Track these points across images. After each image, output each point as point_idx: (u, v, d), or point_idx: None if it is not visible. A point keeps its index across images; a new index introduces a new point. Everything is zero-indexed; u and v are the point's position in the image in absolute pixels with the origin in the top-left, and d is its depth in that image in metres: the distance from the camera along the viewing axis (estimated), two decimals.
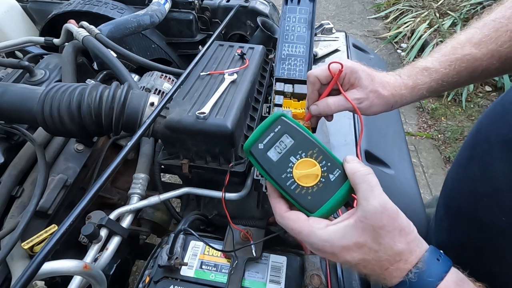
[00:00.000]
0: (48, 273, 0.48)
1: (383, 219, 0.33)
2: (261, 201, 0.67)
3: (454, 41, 0.53)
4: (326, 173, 0.38)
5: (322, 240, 0.35)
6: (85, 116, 0.56)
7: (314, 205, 0.38)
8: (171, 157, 0.63)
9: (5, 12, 1.10)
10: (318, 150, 0.39)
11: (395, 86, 0.51)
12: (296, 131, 0.40)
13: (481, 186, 0.48)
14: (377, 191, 0.35)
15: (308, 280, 0.52)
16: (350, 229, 0.34)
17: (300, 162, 0.39)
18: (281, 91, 0.61)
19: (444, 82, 0.52)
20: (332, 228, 0.35)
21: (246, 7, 1.05)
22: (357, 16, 3.47)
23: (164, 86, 0.85)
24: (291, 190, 0.38)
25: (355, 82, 0.50)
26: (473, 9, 2.78)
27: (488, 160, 0.46)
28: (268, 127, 0.40)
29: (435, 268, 0.33)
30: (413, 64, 0.54)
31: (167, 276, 0.53)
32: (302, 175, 0.38)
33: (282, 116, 0.40)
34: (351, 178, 0.37)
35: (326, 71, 0.49)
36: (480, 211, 0.48)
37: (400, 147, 0.90)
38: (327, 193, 0.38)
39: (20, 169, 0.64)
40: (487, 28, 0.51)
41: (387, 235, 0.33)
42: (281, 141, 0.39)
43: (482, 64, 0.50)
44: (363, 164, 0.38)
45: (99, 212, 0.63)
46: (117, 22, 0.87)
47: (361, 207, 0.34)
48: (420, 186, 0.79)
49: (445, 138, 2.18)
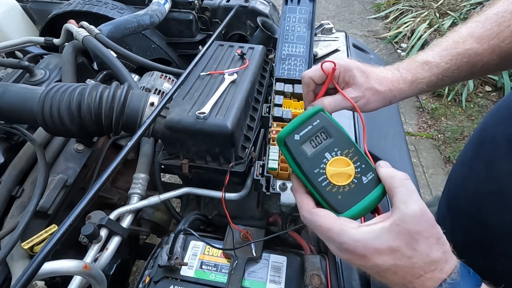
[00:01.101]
0: (48, 273, 0.48)
1: (422, 225, 0.32)
2: (261, 201, 0.67)
3: (455, 34, 0.52)
4: (360, 175, 0.37)
5: (354, 240, 0.33)
6: (85, 116, 0.56)
7: (344, 205, 0.37)
8: (171, 157, 0.63)
9: (5, 12, 1.10)
10: (354, 150, 0.38)
11: (393, 81, 0.50)
12: (335, 127, 0.39)
13: (486, 185, 0.47)
14: (416, 196, 0.33)
15: (308, 280, 0.52)
16: (385, 231, 0.32)
17: (334, 160, 0.38)
18: (281, 91, 0.61)
19: (445, 77, 0.51)
20: (365, 228, 0.34)
21: (246, 7, 1.05)
22: (357, 16, 3.47)
23: (164, 86, 0.85)
24: (321, 186, 0.37)
25: (350, 81, 0.49)
26: (473, 9, 2.79)
27: (494, 159, 0.46)
28: (307, 119, 0.39)
29: (469, 282, 0.32)
30: (413, 58, 0.53)
31: (167, 276, 0.53)
32: (335, 173, 0.37)
33: (322, 111, 0.39)
34: (387, 182, 0.36)
35: (320, 71, 0.48)
36: (484, 209, 0.47)
37: (400, 147, 0.90)
38: (358, 195, 0.37)
39: (20, 169, 0.64)
40: (489, 22, 0.49)
41: (424, 242, 0.32)
42: (318, 135, 0.38)
43: (483, 59, 0.50)
44: (398, 170, 0.37)
45: (99, 212, 0.63)
46: (117, 22, 0.87)
47: (399, 210, 0.33)
48: (420, 186, 0.79)
49: (445, 138, 2.19)
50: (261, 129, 0.69)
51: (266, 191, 0.47)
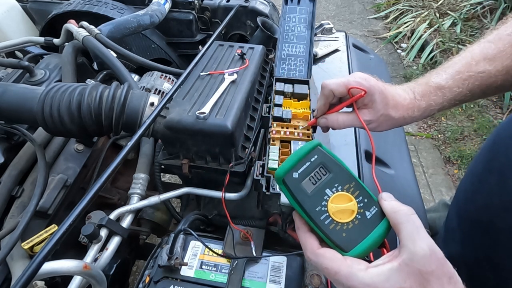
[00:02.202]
0: (48, 273, 0.48)
1: (432, 264, 0.30)
2: (261, 201, 0.67)
3: (468, 55, 0.51)
4: (363, 210, 0.36)
5: (364, 284, 0.32)
6: (85, 116, 0.56)
7: (349, 243, 0.35)
8: (171, 157, 0.63)
9: (5, 12, 1.10)
10: (355, 184, 0.37)
11: (408, 108, 0.50)
12: (333, 162, 0.38)
13: (499, 199, 0.46)
14: (423, 233, 0.32)
15: (308, 280, 0.52)
16: (395, 272, 0.31)
17: (336, 196, 0.36)
18: (281, 91, 0.61)
19: (457, 100, 0.51)
20: (374, 270, 0.32)
21: (246, 7, 1.05)
22: (357, 16, 3.47)
23: (164, 86, 0.85)
24: (324, 225, 0.36)
25: (369, 104, 0.49)
26: (473, 9, 2.79)
27: (507, 173, 0.45)
28: (304, 156, 0.38)
29: None
30: (427, 80, 0.52)
31: (167, 276, 0.53)
32: (338, 210, 0.36)
33: (319, 145, 0.38)
34: (391, 217, 0.34)
35: (343, 87, 0.47)
36: (497, 224, 0.46)
37: (400, 147, 0.90)
38: (363, 231, 0.35)
39: (20, 169, 0.64)
40: (502, 43, 0.49)
41: (436, 282, 0.30)
42: (317, 171, 0.37)
43: (497, 81, 0.49)
44: (401, 203, 0.36)
45: (99, 212, 0.63)
46: (117, 22, 0.87)
47: (407, 249, 0.31)
48: (420, 186, 0.80)
49: (445, 138, 2.18)
50: (261, 129, 0.69)
51: (266, 191, 0.47)
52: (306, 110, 0.57)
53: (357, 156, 0.77)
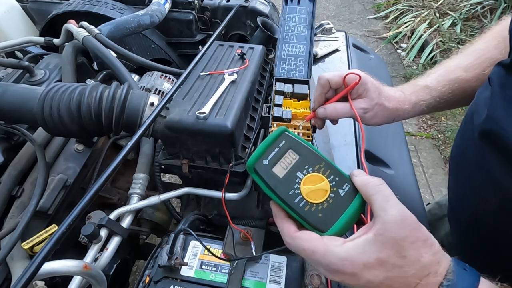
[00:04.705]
0: (48, 273, 0.48)
1: (405, 229, 0.31)
2: (261, 201, 0.67)
3: (446, 65, 0.59)
4: (336, 188, 0.36)
5: (341, 259, 0.32)
6: (85, 116, 0.56)
7: (326, 222, 0.35)
8: (171, 157, 0.63)
9: (5, 12, 1.10)
10: (325, 164, 0.37)
11: (400, 101, 0.55)
12: (301, 145, 0.38)
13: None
14: (393, 200, 0.32)
15: (308, 280, 0.52)
16: (370, 243, 0.31)
17: (307, 177, 0.37)
18: (281, 91, 0.61)
19: (442, 100, 0.56)
20: (350, 244, 0.32)
21: (246, 7, 1.05)
22: (357, 16, 3.47)
23: (164, 86, 0.85)
24: (299, 207, 0.36)
25: (363, 93, 0.52)
26: (473, 9, 2.79)
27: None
28: (272, 142, 0.38)
29: (466, 279, 0.31)
30: (414, 82, 0.59)
31: (167, 276, 0.53)
32: (311, 191, 0.36)
33: (286, 131, 0.39)
34: (363, 190, 0.35)
35: (338, 77, 0.50)
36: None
37: (400, 147, 0.90)
38: (338, 209, 0.36)
39: (20, 169, 0.64)
40: (470, 57, 0.58)
41: (411, 247, 0.30)
42: (286, 156, 0.37)
43: (472, 85, 0.55)
44: (371, 176, 0.36)
45: (99, 212, 0.63)
46: (117, 22, 0.87)
47: (379, 218, 0.32)
48: (420, 186, 0.80)
49: (445, 138, 2.19)
50: (261, 129, 0.69)
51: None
52: (306, 110, 0.57)
53: (357, 156, 0.77)
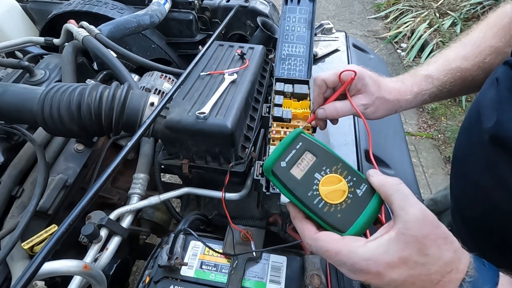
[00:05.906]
0: (48, 273, 0.48)
1: (426, 228, 0.31)
2: (261, 201, 0.67)
3: (445, 56, 0.58)
4: (353, 188, 0.37)
5: (365, 259, 0.32)
6: (85, 116, 0.56)
7: (345, 223, 0.35)
8: (171, 157, 0.63)
9: (5, 12, 1.10)
10: (342, 165, 0.38)
11: (400, 92, 0.54)
12: (318, 147, 0.39)
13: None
14: (412, 199, 0.33)
15: (308, 280, 0.52)
16: (393, 242, 0.32)
17: (325, 179, 0.37)
18: (281, 91, 0.61)
19: (444, 89, 0.55)
20: (373, 244, 0.33)
21: (246, 7, 1.05)
22: (357, 16, 3.47)
23: (164, 86, 0.85)
24: (318, 208, 0.36)
25: (362, 88, 0.51)
26: (473, 9, 2.79)
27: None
28: (289, 144, 0.38)
29: (487, 274, 0.31)
30: (414, 72, 0.57)
31: (167, 276, 0.53)
32: (329, 192, 0.36)
33: (302, 133, 0.39)
34: (381, 190, 0.35)
35: (334, 75, 0.50)
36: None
37: (400, 147, 0.90)
38: (357, 209, 0.36)
39: (20, 169, 0.64)
40: (469, 46, 0.57)
41: (433, 245, 0.31)
42: (304, 158, 0.38)
43: (472, 74, 0.55)
44: (388, 176, 0.36)
45: (99, 212, 0.63)
46: (117, 22, 0.87)
47: (400, 217, 0.32)
48: (420, 186, 0.80)
49: (445, 138, 2.19)
50: (261, 129, 0.69)
51: (266, 191, 0.47)
52: (306, 110, 0.57)
53: (357, 156, 0.77)
